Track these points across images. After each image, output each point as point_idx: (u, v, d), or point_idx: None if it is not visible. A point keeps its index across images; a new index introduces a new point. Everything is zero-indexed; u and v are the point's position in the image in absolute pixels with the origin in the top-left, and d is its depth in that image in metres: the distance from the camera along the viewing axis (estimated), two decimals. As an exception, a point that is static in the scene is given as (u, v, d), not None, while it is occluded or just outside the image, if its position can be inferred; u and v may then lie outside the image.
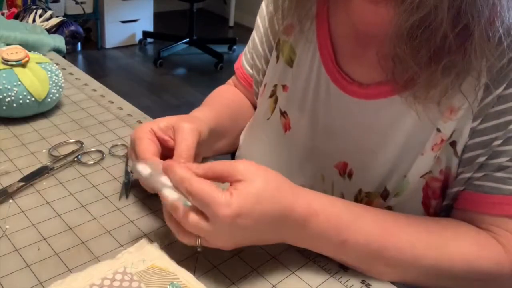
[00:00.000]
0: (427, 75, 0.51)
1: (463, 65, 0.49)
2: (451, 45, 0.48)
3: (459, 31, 0.47)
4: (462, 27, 0.47)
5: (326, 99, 0.63)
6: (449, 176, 0.57)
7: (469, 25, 0.47)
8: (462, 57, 0.49)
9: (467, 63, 0.49)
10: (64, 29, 1.33)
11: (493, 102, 0.51)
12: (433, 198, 0.58)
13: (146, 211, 0.59)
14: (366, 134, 0.60)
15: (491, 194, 0.53)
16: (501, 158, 0.52)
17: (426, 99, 0.52)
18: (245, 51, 0.80)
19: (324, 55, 0.63)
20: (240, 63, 0.81)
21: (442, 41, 0.48)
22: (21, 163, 0.66)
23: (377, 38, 0.56)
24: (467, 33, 0.47)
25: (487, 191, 0.54)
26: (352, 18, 0.59)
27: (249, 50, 0.79)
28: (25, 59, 0.76)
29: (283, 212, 0.48)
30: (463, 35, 0.48)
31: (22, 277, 0.48)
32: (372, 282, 0.52)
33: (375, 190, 0.60)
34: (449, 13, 0.46)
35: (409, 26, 0.48)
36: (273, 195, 0.48)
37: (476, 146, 0.54)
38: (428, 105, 0.53)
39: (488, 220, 0.54)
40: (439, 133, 0.55)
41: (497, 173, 0.53)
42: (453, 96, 0.52)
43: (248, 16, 4.00)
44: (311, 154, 0.66)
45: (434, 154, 0.55)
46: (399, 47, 0.51)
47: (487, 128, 0.52)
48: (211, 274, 0.50)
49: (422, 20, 0.47)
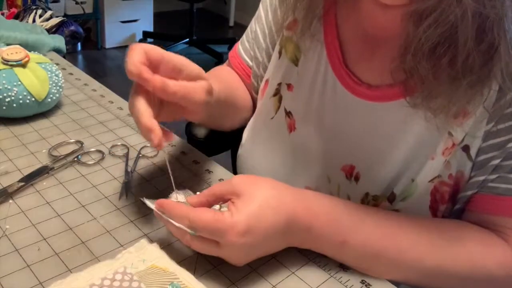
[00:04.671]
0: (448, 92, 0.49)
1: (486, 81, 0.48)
2: (475, 62, 0.46)
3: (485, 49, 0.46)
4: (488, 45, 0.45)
5: (332, 100, 0.62)
6: (461, 180, 0.56)
7: (494, 42, 0.45)
8: (487, 75, 0.47)
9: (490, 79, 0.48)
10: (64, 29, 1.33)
11: (507, 104, 0.51)
12: (441, 203, 0.57)
13: (146, 211, 0.59)
14: (373, 137, 0.59)
15: (505, 195, 0.53)
16: None
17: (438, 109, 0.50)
18: (242, 40, 0.78)
19: (331, 55, 0.61)
20: (236, 51, 0.79)
21: (465, 58, 0.46)
22: (21, 163, 0.66)
23: (386, 42, 0.55)
24: (491, 50, 0.46)
25: (501, 193, 0.53)
26: (361, 21, 0.58)
27: (248, 40, 0.76)
28: (25, 59, 0.76)
29: (287, 220, 0.49)
30: (487, 52, 0.46)
31: (22, 277, 0.48)
32: (372, 282, 0.52)
33: (382, 193, 0.60)
34: (473, 30, 0.44)
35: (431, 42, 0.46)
36: (274, 205, 0.48)
37: (490, 148, 0.53)
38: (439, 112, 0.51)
39: (501, 221, 0.54)
40: (451, 137, 0.54)
41: (511, 175, 0.52)
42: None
43: (248, 16, 3.99)
44: (316, 156, 0.65)
45: (444, 158, 0.55)
46: (419, 63, 0.48)
47: (501, 130, 0.52)
48: (211, 274, 0.50)
49: (443, 36, 0.46)
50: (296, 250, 0.54)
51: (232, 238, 0.45)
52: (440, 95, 0.49)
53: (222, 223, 0.46)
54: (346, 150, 0.62)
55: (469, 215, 0.57)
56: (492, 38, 0.45)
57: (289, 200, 0.49)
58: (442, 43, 0.46)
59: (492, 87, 0.50)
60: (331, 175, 0.64)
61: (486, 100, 0.50)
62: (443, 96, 0.49)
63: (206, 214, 0.46)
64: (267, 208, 0.48)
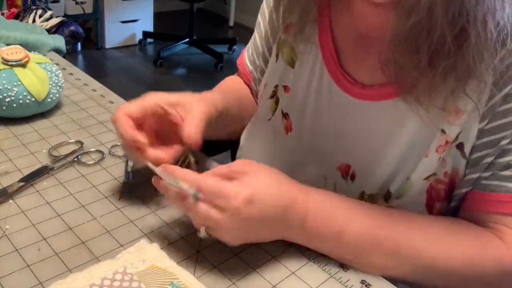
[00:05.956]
0: (427, 80, 0.50)
1: (462, 68, 0.49)
2: (450, 48, 0.48)
3: (457, 34, 0.47)
4: (460, 29, 0.47)
5: (328, 100, 0.63)
6: (456, 178, 0.57)
7: (466, 27, 0.47)
8: (461, 61, 0.48)
9: (466, 66, 0.49)
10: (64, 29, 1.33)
11: (500, 101, 0.51)
12: (437, 201, 0.58)
13: (146, 211, 0.59)
14: (369, 136, 0.60)
15: (498, 192, 0.53)
16: (508, 156, 0.52)
17: (429, 104, 0.52)
18: (247, 47, 0.80)
19: (326, 56, 0.62)
20: (242, 58, 0.81)
21: (440, 44, 0.48)
22: (21, 163, 0.66)
23: (379, 41, 0.56)
24: (465, 35, 0.47)
25: (494, 190, 0.54)
26: (354, 21, 0.59)
27: (251, 47, 0.79)
28: (25, 59, 0.76)
29: (285, 208, 0.50)
30: (461, 37, 0.47)
31: (22, 277, 0.48)
32: (372, 282, 0.52)
33: (378, 192, 0.60)
34: (445, 15, 0.46)
35: (406, 30, 0.48)
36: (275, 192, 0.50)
37: (484, 146, 0.53)
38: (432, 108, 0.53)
39: (495, 218, 0.54)
40: (444, 134, 0.54)
41: (504, 172, 0.53)
42: (459, 99, 0.52)
43: (248, 16, 4.00)
44: (313, 156, 0.66)
45: (438, 156, 0.55)
46: (398, 52, 0.51)
47: (495, 127, 0.52)
48: (211, 274, 0.50)
49: (417, 23, 0.47)
50: (296, 250, 0.54)
51: (237, 202, 0.46)
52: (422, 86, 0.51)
53: (229, 188, 0.47)
54: (342, 149, 0.62)
55: (463, 212, 0.57)
56: (463, 23, 0.46)
57: (289, 192, 0.51)
58: (416, 29, 0.48)
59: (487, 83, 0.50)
60: (328, 174, 0.65)
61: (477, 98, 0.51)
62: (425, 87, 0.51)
63: (213, 177, 0.48)
64: (269, 192, 0.49)
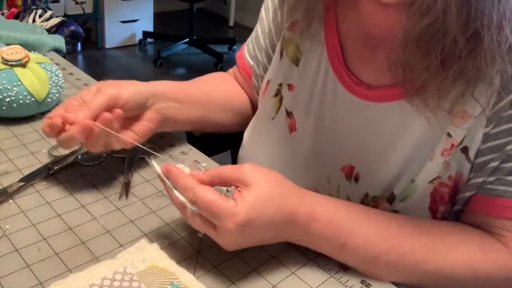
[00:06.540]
0: (437, 82, 0.49)
1: (473, 72, 0.48)
2: (462, 51, 0.47)
3: (470, 37, 0.46)
4: (473, 33, 0.46)
5: (333, 100, 0.62)
6: (460, 181, 0.56)
7: (479, 30, 0.46)
8: (473, 64, 0.48)
9: (478, 70, 0.48)
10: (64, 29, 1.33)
11: (507, 106, 0.51)
12: (441, 204, 0.57)
13: (146, 211, 0.59)
14: (373, 138, 0.59)
15: (503, 197, 0.53)
16: None
17: (436, 107, 0.51)
18: (247, 41, 0.79)
19: (332, 56, 0.62)
20: (242, 52, 0.81)
21: (452, 47, 0.47)
22: (21, 163, 0.66)
23: (387, 41, 0.55)
24: (478, 39, 0.46)
25: (499, 195, 0.53)
26: (361, 21, 0.58)
27: (252, 41, 0.78)
28: (25, 59, 0.76)
29: (287, 219, 0.49)
30: (473, 41, 0.47)
31: (22, 277, 0.48)
32: (372, 282, 0.52)
33: (381, 194, 0.60)
34: (459, 18, 0.45)
35: (419, 32, 0.47)
36: (278, 203, 0.49)
37: (489, 150, 0.53)
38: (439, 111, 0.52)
39: (499, 223, 0.54)
40: (450, 138, 0.54)
41: (510, 177, 0.52)
42: (466, 102, 0.51)
43: (248, 16, 4.00)
44: (316, 156, 0.65)
45: (443, 159, 0.55)
46: (408, 53, 0.49)
47: (500, 132, 0.52)
48: (211, 274, 0.50)
49: (431, 25, 0.47)
50: (296, 250, 0.54)
51: (230, 225, 0.46)
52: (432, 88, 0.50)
53: (225, 209, 0.46)
54: (346, 150, 0.62)
55: (467, 216, 0.57)
56: (476, 26, 0.46)
57: (293, 201, 0.50)
58: (429, 31, 0.47)
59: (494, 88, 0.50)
60: (331, 175, 0.64)
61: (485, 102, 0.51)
62: (434, 89, 0.50)
63: (212, 195, 0.47)
64: (271, 204, 0.48)
